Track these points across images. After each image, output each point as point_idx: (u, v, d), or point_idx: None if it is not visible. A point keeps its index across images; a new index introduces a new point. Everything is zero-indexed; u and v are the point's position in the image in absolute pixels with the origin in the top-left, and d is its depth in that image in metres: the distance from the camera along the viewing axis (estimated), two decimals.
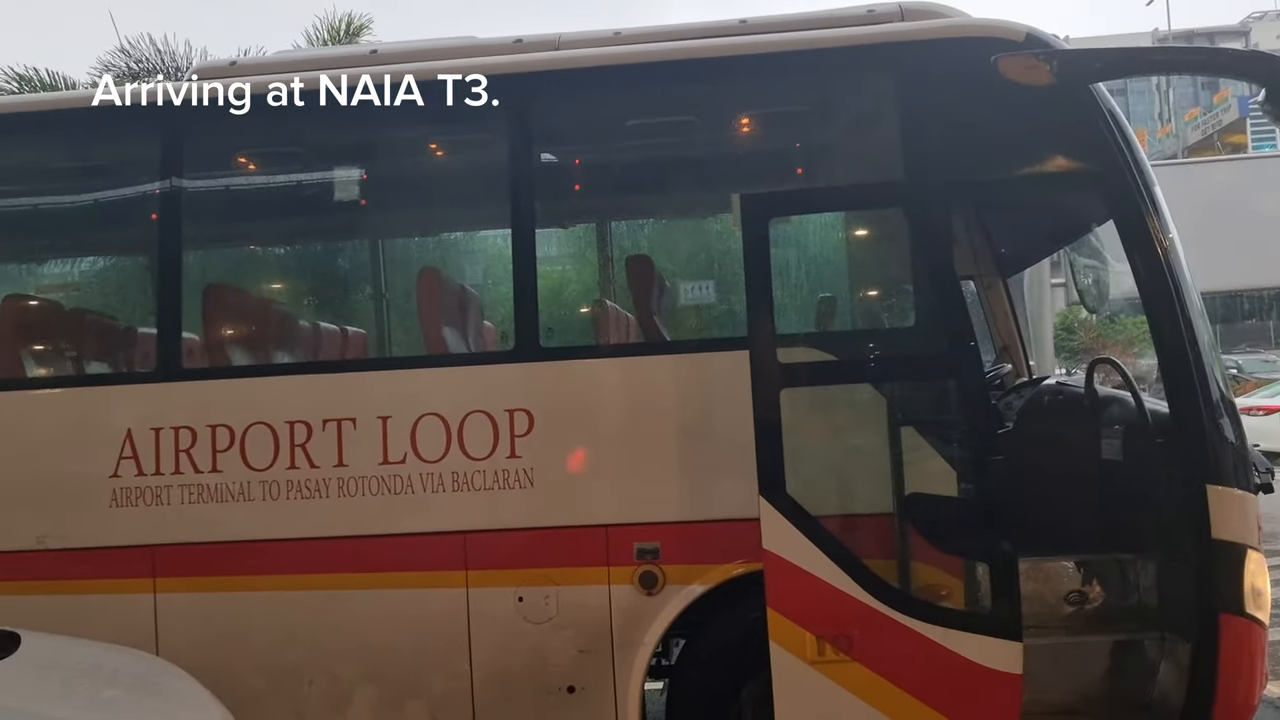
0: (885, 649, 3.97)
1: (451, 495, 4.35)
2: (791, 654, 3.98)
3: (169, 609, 4.45)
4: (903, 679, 3.96)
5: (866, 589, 3.98)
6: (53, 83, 12.88)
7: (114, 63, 13.32)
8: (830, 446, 4.28)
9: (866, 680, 3.97)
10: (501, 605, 4.34)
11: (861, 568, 4.00)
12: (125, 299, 6.22)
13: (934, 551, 4.16)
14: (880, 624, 3.96)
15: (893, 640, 3.96)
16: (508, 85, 4.51)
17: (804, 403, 4.12)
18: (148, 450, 4.47)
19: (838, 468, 4.26)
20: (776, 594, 3.99)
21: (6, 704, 2.72)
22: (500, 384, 4.43)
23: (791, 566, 3.98)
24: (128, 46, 13.32)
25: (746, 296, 4.11)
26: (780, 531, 3.98)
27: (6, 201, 5.47)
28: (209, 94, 4.61)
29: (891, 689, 3.96)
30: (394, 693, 4.40)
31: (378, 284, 6.31)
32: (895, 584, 4.05)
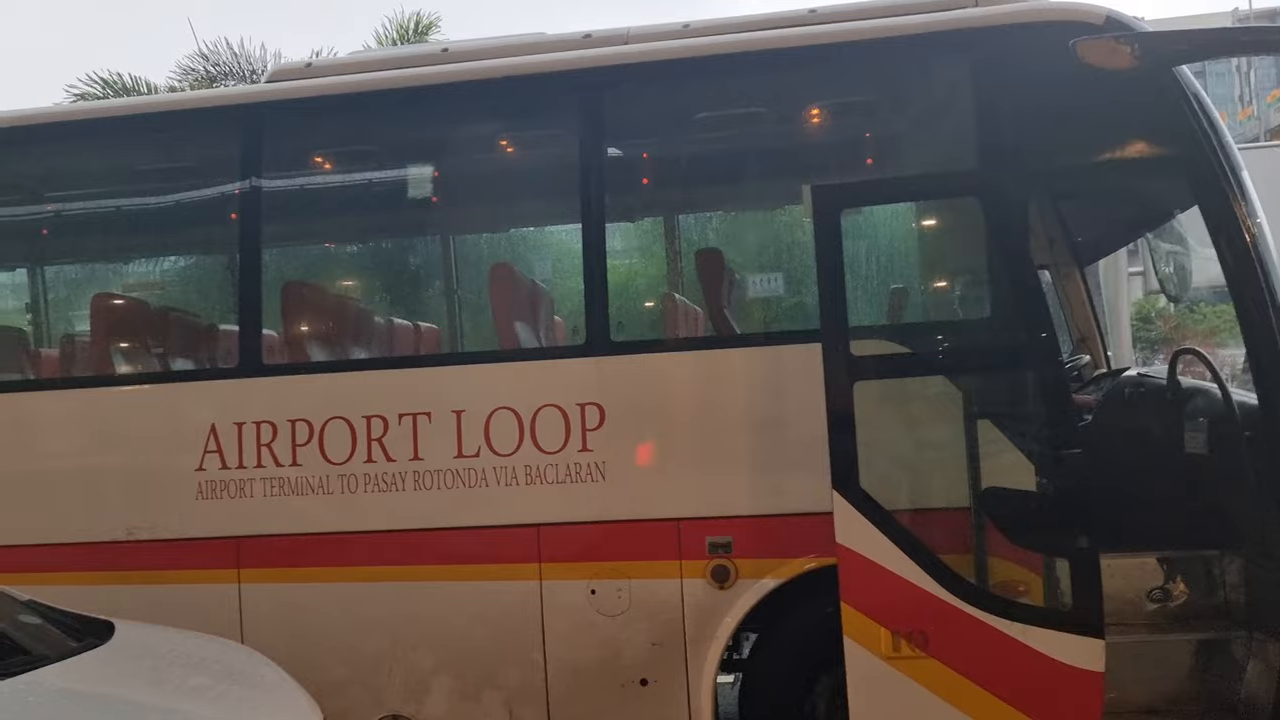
0: (962, 645, 3.91)
1: (524, 488, 4.39)
2: (866, 649, 3.95)
3: (253, 599, 4.56)
4: (981, 676, 3.90)
5: (942, 584, 3.92)
6: (134, 87, 13.27)
7: (193, 67, 13.67)
8: (904, 440, 4.21)
9: (943, 677, 3.92)
10: (575, 598, 4.37)
11: (937, 563, 3.94)
12: (207, 297, 6.39)
13: (1010, 546, 4.08)
14: (957, 620, 3.90)
15: (970, 636, 3.90)
16: (577, 80, 4.53)
17: (877, 395, 4.07)
18: (231, 444, 4.58)
19: (912, 461, 4.19)
20: (850, 589, 3.96)
21: (102, 690, 2.82)
22: (571, 378, 4.45)
23: (865, 561, 3.94)
24: (206, 51, 13.67)
25: (819, 289, 4.07)
26: (854, 525, 3.95)
27: (96, 203, 5.64)
28: (286, 94, 4.71)
29: (969, 686, 3.90)
30: (471, 683, 4.46)
31: (449, 280, 6.39)
32: (972, 579, 3.99)
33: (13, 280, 6.92)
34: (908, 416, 4.24)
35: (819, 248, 4.07)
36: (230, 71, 13.56)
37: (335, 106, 4.75)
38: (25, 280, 6.82)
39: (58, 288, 6.89)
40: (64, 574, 4.53)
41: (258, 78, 13.10)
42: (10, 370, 5.54)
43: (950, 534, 4.07)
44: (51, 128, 5.19)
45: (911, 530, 3.97)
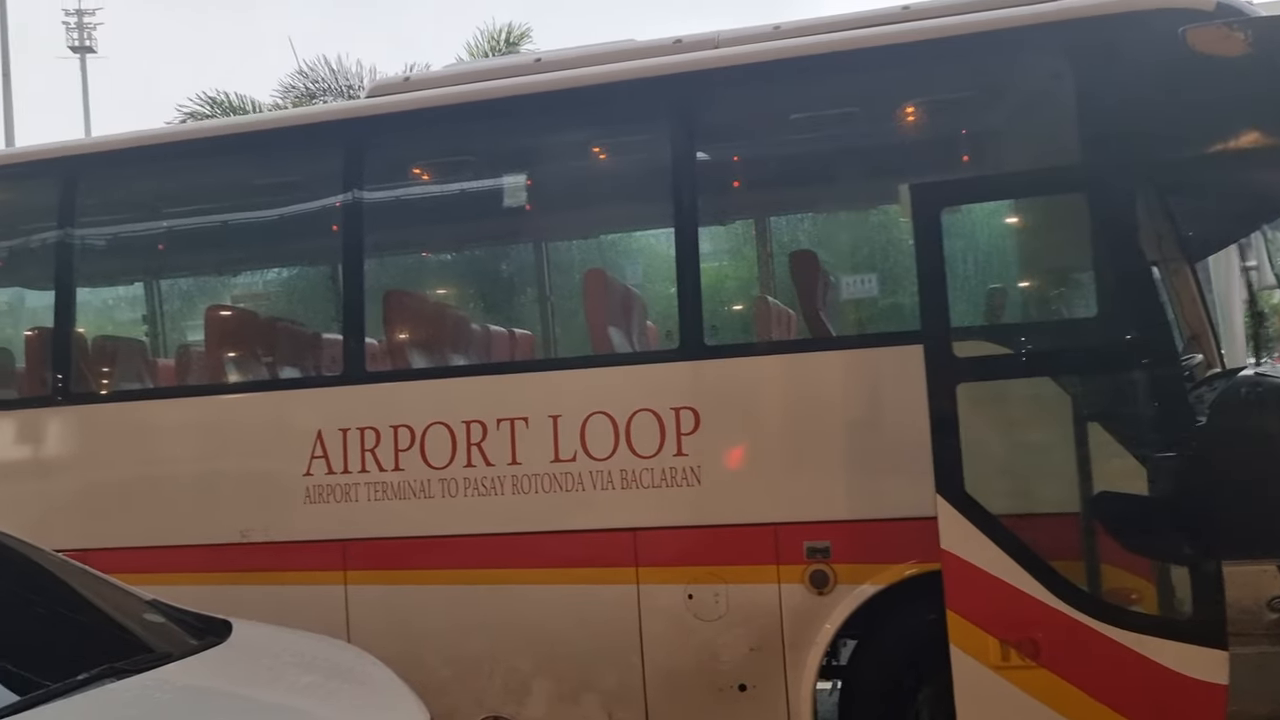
0: (1075, 655, 3.78)
1: (621, 493, 4.42)
2: (973, 658, 3.85)
3: (359, 600, 4.69)
4: (1095, 687, 3.76)
5: (1053, 592, 3.80)
6: (240, 105, 13.77)
7: (294, 84, 14.12)
8: (1010, 443, 4.11)
9: (1055, 688, 3.79)
10: (672, 602, 4.37)
11: (1047, 569, 3.82)
12: (313, 306, 6.59)
13: (1123, 553, 3.95)
14: (1069, 629, 3.77)
15: (1083, 646, 3.76)
16: (669, 86, 4.55)
17: (982, 397, 3.98)
18: (336, 449, 4.71)
19: (1019, 465, 4.09)
20: (956, 596, 3.87)
21: (222, 687, 2.93)
22: (666, 382, 4.46)
23: (972, 568, 3.85)
24: (306, 69, 14.10)
25: (919, 288, 4.01)
26: (959, 531, 3.86)
27: (207, 218, 5.87)
28: (387, 109, 4.84)
29: (1082, 697, 3.77)
30: (570, 686, 4.50)
31: (542, 286, 6.47)
32: (1084, 586, 3.86)
33: (131, 294, 7.24)
34: (1013, 419, 4.13)
35: (919, 247, 4.01)
36: (329, 88, 13.96)
37: (434, 119, 4.86)
38: (142, 293, 7.14)
39: (172, 300, 7.19)
40: (183, 574, 4.71)
41: (355, 93, 13.45)
42: (131, 380, 5.79)
43: (1059, 539, 3.95)
44: (166, 147, 5.43)
45: (1019, 535, 3.86)
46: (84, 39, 32.58)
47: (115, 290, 7.26)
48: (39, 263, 5.83)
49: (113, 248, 5.86)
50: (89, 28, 32.85)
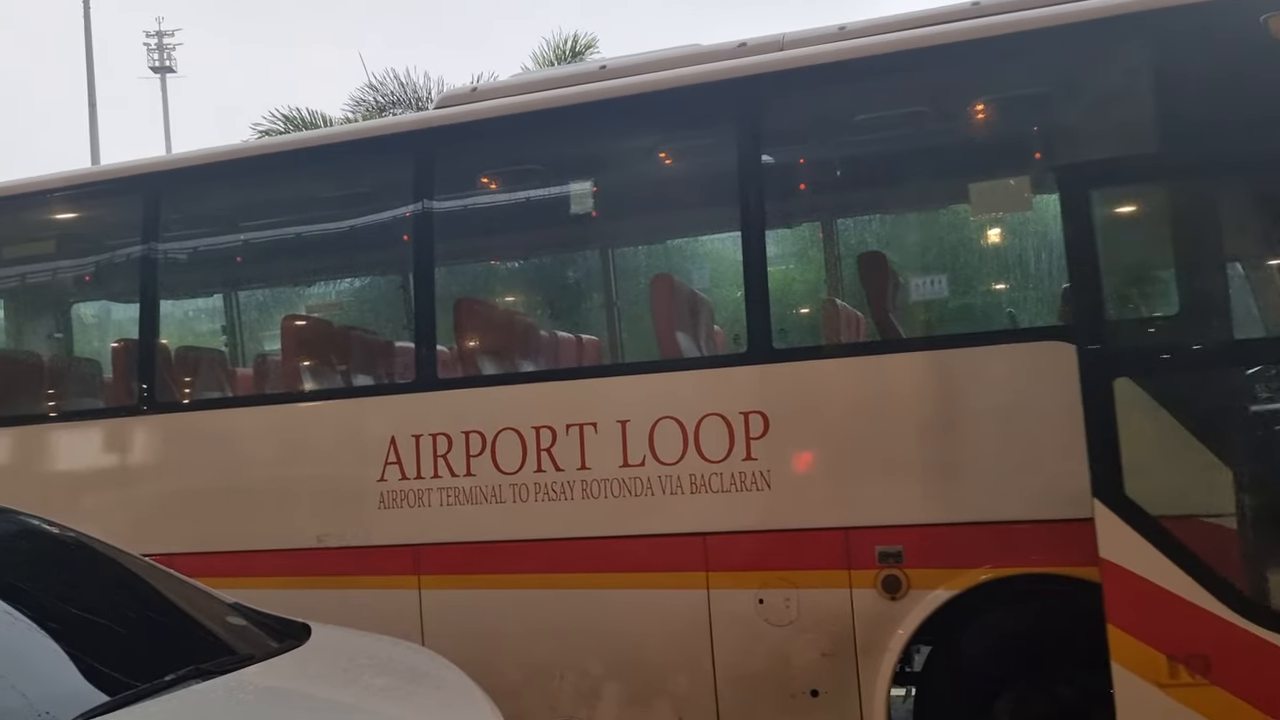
0: (1251, 672, 3.52)
1: (690, 497, 4.41)
2: (1137, 676, 3.61)
3: (432, 604, 4.75)
4: (1275, 708, 3.50)
5: (1227, 603, 3.54)
6: (312, 120, 14.07)
7: (364, 98, 14.40)
8: (1173, 442, 3.79)
9: (1229, 707, 3.54)
10: (742, 607, 4.35)
11: (1219, 579, 3.57)
12: (385, 315, 6.71)
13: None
14: (1244, 643, 3.50)
15: (1260, 662, 3.50)
16: (735, 89, 4.54)
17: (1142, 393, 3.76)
18: (409, 455, 4.79)
19: (1182, 466, 3.79)
20: (1118, 608, 3.64)
21: (303, 689, 2.99)
22: (734, 386, 4.45)
23: (1135, 578, 3.62)
24: (375, 83, 14.38)
25: (1070, 278, 3.86)
26: (1121, 538, 3.62)
27: (283, 230, 6.01)
28: (456, 119, 4.91)
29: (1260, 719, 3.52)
30: (641, 690, 4.51)
31: (609, 292, 6.50)
32: (1260, 597, 3.58)
33: (210, 305, 7.45)
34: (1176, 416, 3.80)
35: (1069, 233, 3.83)
36: (398, 100, 14.20)
37: (502, 128, 4.92)
38: (221, 304, 7.34)
39: (250, 311, 7.38)
40: (262, 578, 4.82)
41: (423, 104, 13.67)
42: (211, 389, 5.96)
43: (1232, 547, 3.70)
44: (244, 162, 5.58)
45: (1187, 543, 3.60)
46: (164, 59, 33.61)
47: (195, 302, 7.47)
48: (124, 276, 6.03)
49: (194, 261, 6.03)
50: (168, 48, 33.88)
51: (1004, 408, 4.10)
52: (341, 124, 13.03)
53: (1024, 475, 4.06)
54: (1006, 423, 4.08)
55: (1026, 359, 4.11)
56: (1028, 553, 4.00)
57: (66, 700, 2.54)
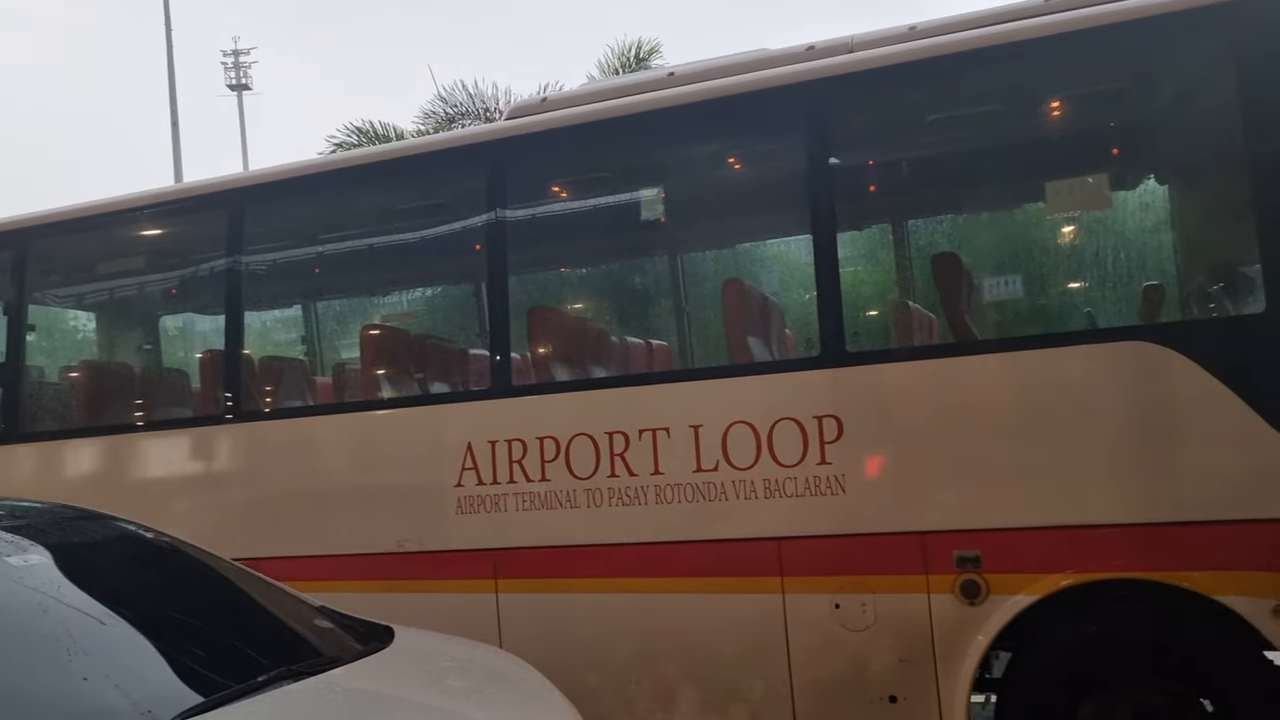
0: None
1: (764, 502, 4.41)
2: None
3: (510, 608, 4.81)
4: None
5: None
6: (385, 133, 14.34)
7: (434, 110, 14.63)
8: None
9: None
10: (818, 611, 4.34)
11: None
12: (459, 324, 6.82)
13: None
14: None
15: None
16: (805, 93, 4.53)
17: None
18: (486, 461, 4.86)
19: None
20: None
21: (388, 691, 3.06)
22: (807, 390, 4.44)
23: None
24: (445, 95, 14.59)
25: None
26: None
27: (359, 242, 6.14)
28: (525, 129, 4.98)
29: None
30: (716, 694, 4.51)
31: (678, 297, 6.52)
32: None
33: (289, 316, 7.65)
34: None
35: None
36: (466, 111, 14.40)
37: (572, 137, 4.97)
38: (300, 315, 7.53)
39: (328, 321, 7.55)
40: (345, 582, 4.93)
41: (491, 115, 13.85)
42: (293, 398, 6.12)
43: None
44: (321, 176, 5.72)
45: None
46: (240, 77, 34.55)
47: (275, 313, 7.66)
48: (209, 290, 6.23)
49: (275, 273, 6.19)
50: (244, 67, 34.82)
51: (1086, 409, 4.03)
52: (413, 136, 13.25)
53: (1106, 478, 3.98)
54: (1088, 425, 4.02)
55: (1109, 360, 4.03)
56: (1112, 557, 3.93)
57: (166, 700, 2.63)
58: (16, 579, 2.99)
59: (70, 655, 2.73)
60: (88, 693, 2.61)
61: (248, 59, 35.06)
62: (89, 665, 2.72)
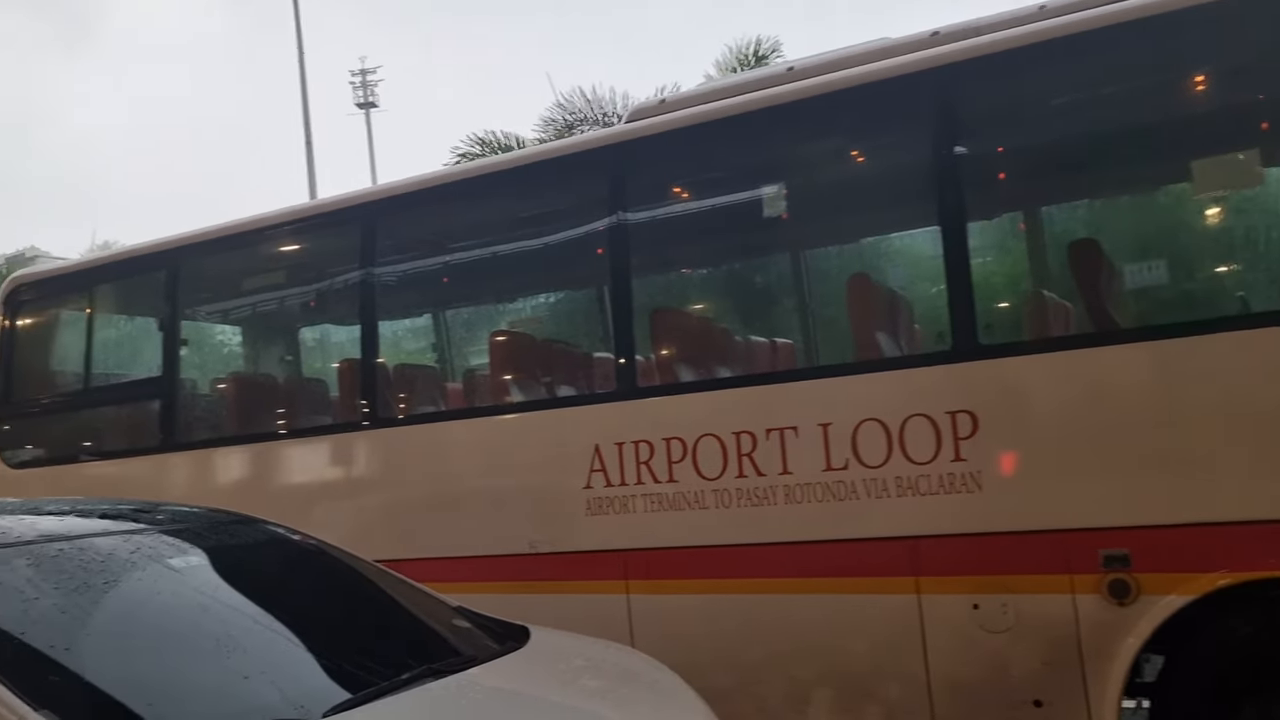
0: None
1: (896, 500, 4.32)
2: None
3: (640, 608, 4.83)
4: None
5: None
6: (506, 142, 14.63)
7: (552, 117, 14.84)
8: None
9: None
10: (956, 612, 4.22)
11: None
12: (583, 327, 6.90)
13: None
14: None
15: None
16: (931, 80, 4.42)
17: None
18: (613, 463, 4.90)
19: None
20: None
21: (526, 690, 3.12)
22: (939, 385, 4.33)
23: None
24: (563, 101, 14.80)
25: None
26: None
27: (485, 250, 6.27)
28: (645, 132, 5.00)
29: None
30: (852, 696, 4.44)
31: (803, 294, 6.44)
32: None
33: (419, 325, 7.87)
34: None
35: None
36: (585, 118, 14.56)
37: (694, 137, 4.97)
38: (430, 324, 7.74)
39: (456, 328, 7.74)
40: (479, 583, 5.04)
41: (609, 120, 13.96)
42: (426, 404, 6.29)
43: None
44: (445, 188, 5.88)
45: None
46: (367, 96, 35.77)
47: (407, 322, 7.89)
48: (344, 301, 6.47)
49: (406, 283, 6.38)
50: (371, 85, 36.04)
51: (1239, 399, 3.81)
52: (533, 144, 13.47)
53: (1264, 471, 3.76)
54: (1242, 415, 3.80)
55: (1264, 346, 3.80)
56: (1272, 555, 3.70)
57: (316, 696, 2.75)
58: (180, 580, 3.17)
59: (229, 653, 2.87)
60: (248, 689, 2.74)
61: (374, 77, 36.27)
62: (247, 662, 2.86)
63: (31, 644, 2.63)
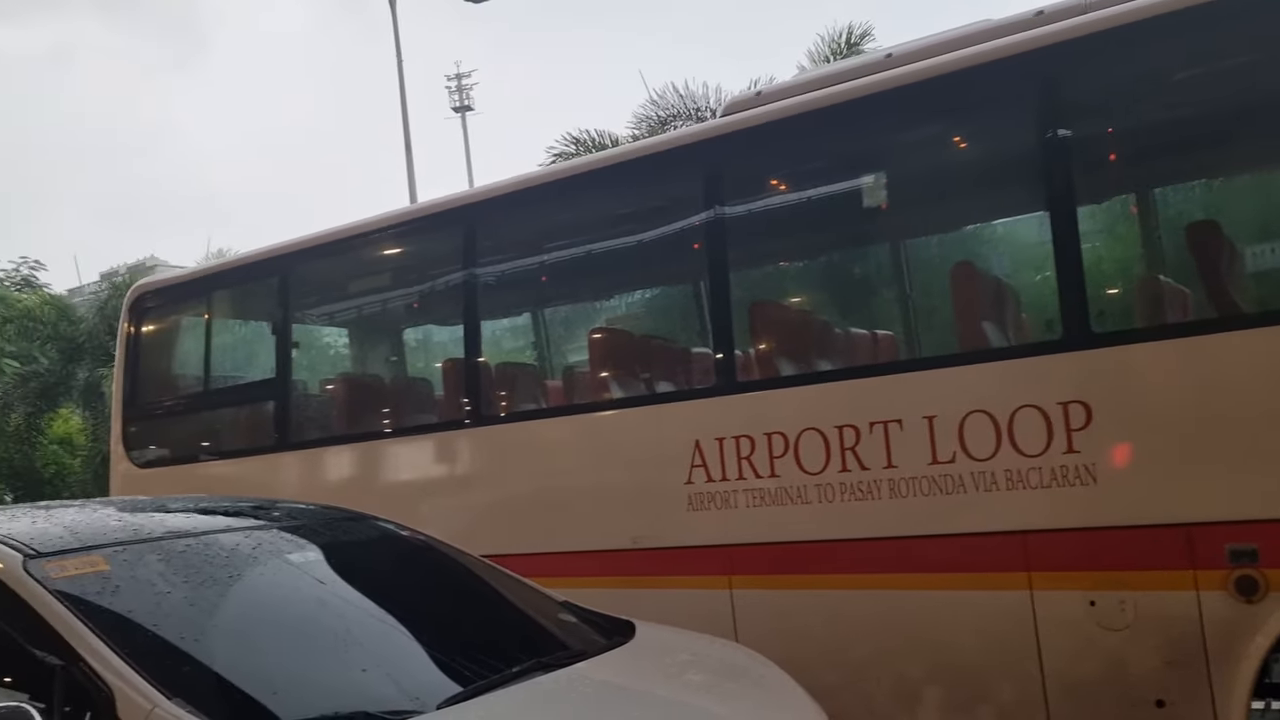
0: None
1: (1006, 494, 4.21)
2: None
3: (744, 604, 4.81)
4: None
5: None
6: (600, 140, 14.69)
7: (645, 114, 14.83)
8: None
9: None
10: (1071, 610, 4.09)
11: None
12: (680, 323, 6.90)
13: None
14: None
15: None
16: (1039, 60, 4.29)
17: None
18: (714, 458, 4.89)
19: None
20: None
21: (635, 685, 3.13)
22: (1049, 375, 4.20)
23: None
24: (656, 98, 14.77)
25: None
26: None
27: (582, 248, 6.32)
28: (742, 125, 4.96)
29: None
30: (963, 695, 4.35)
31: (903, 285, 6.32)
32: None
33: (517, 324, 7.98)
34: None
35: None
36: (678, 113, 14.50)
37: (791, 128, 4.91)
38: (529, 322, 7.84)
39: (554, 326, 7.82)
40: (582, 578, 5.07)
41: (703, 115, 13.90)
42: (528, 401, 6.37)
43: None
44: (545, 187, 5.94)
45: None
46: (463, 100, 36.40)
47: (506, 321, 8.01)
48: (446, 302, 6.59)
49: (506, 282, 6.47)
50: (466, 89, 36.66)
51: None
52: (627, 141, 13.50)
53: None
54: None
55: None
56: None
57: (430, 689, 2.81)
58: (298, 575, 3.28)
59: (347, 646, 2.96)
60: (365, 682, 2.82)
61: (469, 81, 36.88)
62: (363, 655, 2.94)
63: (163, 635, 2.76)
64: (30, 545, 2.92)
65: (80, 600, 2.72)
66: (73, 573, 2.82)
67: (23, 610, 2.70)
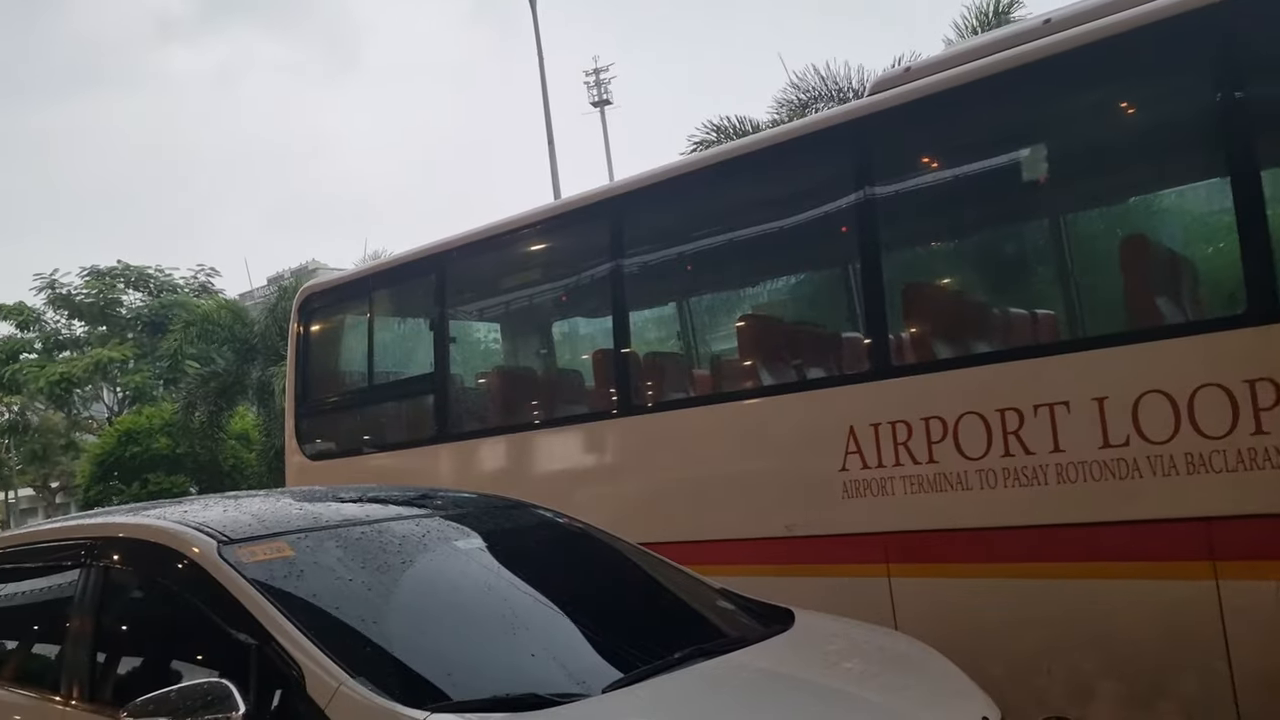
0: None
1: (1186, 479, 3.98)
2: None
3: (903, 592, 4.71)
4: None
5: None
6: (742, 127, 14.59)
7: (786, 98, 14.64)
8: None
9: None
10: (1261, 599, 3.84)
11: None
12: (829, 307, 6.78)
13: None
14: None
15: None
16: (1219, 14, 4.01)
17: None
18: (869, 445, 4.80)
19: None
20: None
21: (796, 673, 3.10)
22: (1234, 352, 3.94)
23: None
24: (796, 81, 14.56)
25: None
26: None
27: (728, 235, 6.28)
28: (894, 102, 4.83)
29: None
30: (1141, 689, 4.13)
31: (1064, 261, 6.04)
32: None
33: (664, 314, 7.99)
34: None
35: None
36: (819, 95, 14.25)
37: (945, 102, 4.76)
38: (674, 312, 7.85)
39: (700, 315, 7.81)
40: (736, 565, 5.07)
41: (845, 96, 13.62)
42: (677, 391, 6.39)
43: None
44: (689, 176, 5.93)
45: None
46: (602, 94, 36.74)
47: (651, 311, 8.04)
48: (595, 293, 6.67)
49: (653, 272, 6.50)
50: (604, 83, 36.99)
51: None
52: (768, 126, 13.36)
53: None
54: None
55: None
56: None
57: (594, 674, 2.86)
58: (465, 561, 3.39)
59: (514, 630, 3.04)
60: (535, 666, 2.89)
61: (607, 76, 37.18)
62: (530, 639, 3.02)
63: (344, 618, 2.90)
64: (223, 532, 3.11)
65: (269, 584, 2.88)
66: (261, 558, 2.99)
67: (218, 592, 2.87)
